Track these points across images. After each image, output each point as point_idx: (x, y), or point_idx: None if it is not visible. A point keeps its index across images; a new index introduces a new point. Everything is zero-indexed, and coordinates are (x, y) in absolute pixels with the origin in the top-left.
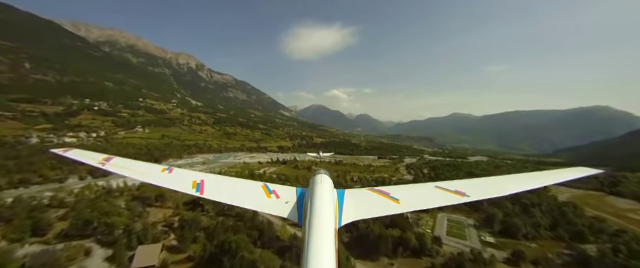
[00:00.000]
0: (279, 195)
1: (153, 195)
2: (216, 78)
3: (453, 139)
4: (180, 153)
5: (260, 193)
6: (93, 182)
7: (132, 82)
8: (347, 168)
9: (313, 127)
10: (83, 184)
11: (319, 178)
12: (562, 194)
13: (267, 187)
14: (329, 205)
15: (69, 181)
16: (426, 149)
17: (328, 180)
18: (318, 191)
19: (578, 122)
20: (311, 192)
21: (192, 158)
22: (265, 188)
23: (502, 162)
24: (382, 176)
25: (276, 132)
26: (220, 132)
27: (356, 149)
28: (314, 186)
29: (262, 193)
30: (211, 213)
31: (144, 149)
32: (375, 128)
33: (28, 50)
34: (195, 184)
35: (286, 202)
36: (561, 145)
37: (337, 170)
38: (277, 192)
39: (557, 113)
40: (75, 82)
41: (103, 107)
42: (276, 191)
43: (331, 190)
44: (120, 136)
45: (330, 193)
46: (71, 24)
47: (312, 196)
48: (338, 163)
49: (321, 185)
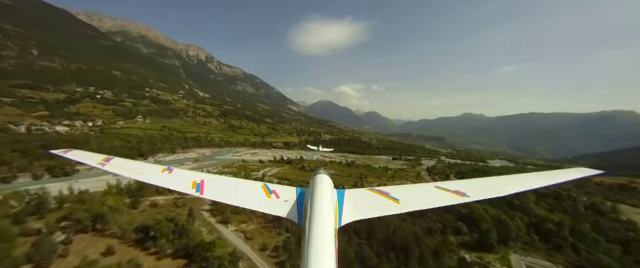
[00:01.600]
0: (279, 195)
1: (89, 215)
2: (225, 71)
3: (465, 140)
4: (174, 147)
5: (260, 193)
6: (35, 187)
7: (141, 72)
8: (362, 171)
9: (321, 123)
10: (35, 185)
11: (319, 178)
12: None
13: (267, 187)
14: (329, 205)
15: (18, 181)
16: (441, 150)
17: (328, 180)
18: (318, 191)
19: (599, 127)
20: (311, 192)
21: (186, 153)
22: (265, 188)
23: (524, 167)
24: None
25: (283, 127)
26: (225, 125)
27: (367, 148)
28: (314, 186)
29: (262, 193)
30: (168, 250)
31: (133, 142)
32: (384, 126)
33: (37, 37)
34: (195, 184)
35: (286, 202)
36: (581, 151)
37: (351, 174)
38: (277, 192)
39: (576, 117)
40: (82, 70)
41: (107, 96)
42: (276, 191)
43: (331, 190)
44: (118, 126)
45: (330, 193)
46: (85, 14)
47: (312, 196)
48: (351, 165)
49: (321, 185)
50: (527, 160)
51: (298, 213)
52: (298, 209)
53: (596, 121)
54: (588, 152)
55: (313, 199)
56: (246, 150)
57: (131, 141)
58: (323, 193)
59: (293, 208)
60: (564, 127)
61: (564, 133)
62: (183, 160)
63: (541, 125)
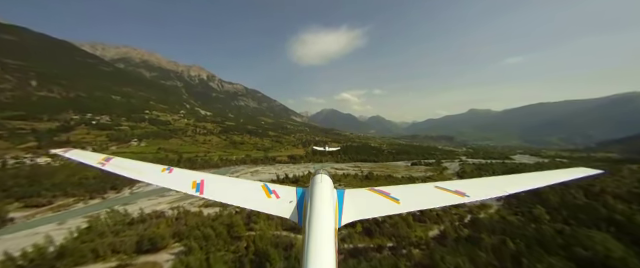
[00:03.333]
0: (279, 195)
1: None
2: (227, 88)
3: (474, 137)
4: None
5: (260, 193)
6: None
7: (141, 95)
8: (385, 184)
9: (326, 131)
10: None
11: (319, 178)
12: None
13: (267, 187)
14: (329, 205)
15: None
16: (456, 150)
17: (328, 180)
18: (318, 191)
19: (615, 111)
20: (311, 192)
21: None
22: (265, 188)
23: (554, 161)
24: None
25: (287, 139)
26: (226, 141)
27: (380, 154)
28: (314, 186)
29: (262, 193)
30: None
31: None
32: (389, 129)
33: (37, 69)
34: (195, 184)
35: (286, 202)
36: (599, 138)
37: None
38: (277, 192)
39: (588, 103)
40: (80, 97)
41: (103, 121)
42: (276, 191)
43: (331, 190)
44: (109, 152)
45: (330, 193)
46: (89, 45)
47: (312, 196)
48: (369, 177)
49: (321, 185)
50: (551, 153)
51: (298, 213)
52: (298, 209)
53: (610, 105)
54: (609, 138)
55: (313, 199)
56: (247, 168)
57: None
58: (323, 193)
59: (293, 208)
60: (576, 114)
61: (577, 120)
62: (161, 191)
63: (552, 114)
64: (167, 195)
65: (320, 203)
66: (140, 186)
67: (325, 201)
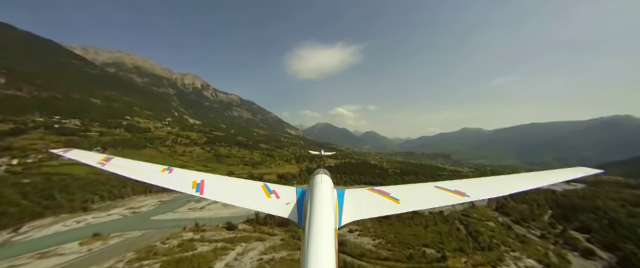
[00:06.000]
0: (279, 195)
1: None
2: (221, 97)
3: (470, 155)
4: (90, 198)
5: (260, 193)
6: None
7: (125, 99)
8: (422, 237)
9: (321, 146)
10: None
11: (319, 178)
12: None
13: (267, 187)
14: (329, 205)
15: None
16: (461, 170)
17: (328, 180)
18: (318, 191)
19: (605, 133)
20: (311, 192)
21: (107, 210)
22: (265, 188)
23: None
24: None
25: (280, 152)
26: (210, 154)
27: (383, 173)
28: (314, 186)
29: (262, 193)
30: None
31: (29, 189)
32: (384, 145)
33: (10, 66)
34: (195, 184)
35: (286, 202)
36: (591, 158)
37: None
38: (277, 192)
39: (577, 124)
40: (54, 98)
41: (71, 125)
42: (276, 191)
43: (331, 190)
44: (56, 163)
45: (330, 193)
46: (81, 48)
47: (312, 196)
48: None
49: (321, 185)
50: None
51: (298, 213)
52: (298, 209)
53: (601, 127)
54: (605, 160)
55: (313, 199)
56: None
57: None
58: (323, 193)
59: (293, 208)
60: (569, 135)
61: (570, 141)
62: (68, 232)
63: (545, 135)
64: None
65: (320, 203)
66: (34, 227)
67: (325, 201)
